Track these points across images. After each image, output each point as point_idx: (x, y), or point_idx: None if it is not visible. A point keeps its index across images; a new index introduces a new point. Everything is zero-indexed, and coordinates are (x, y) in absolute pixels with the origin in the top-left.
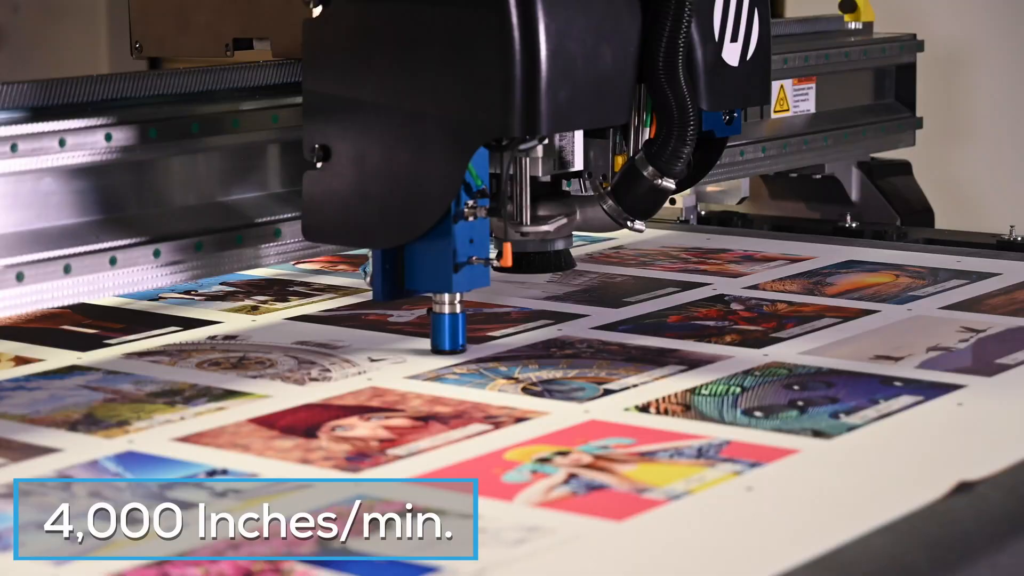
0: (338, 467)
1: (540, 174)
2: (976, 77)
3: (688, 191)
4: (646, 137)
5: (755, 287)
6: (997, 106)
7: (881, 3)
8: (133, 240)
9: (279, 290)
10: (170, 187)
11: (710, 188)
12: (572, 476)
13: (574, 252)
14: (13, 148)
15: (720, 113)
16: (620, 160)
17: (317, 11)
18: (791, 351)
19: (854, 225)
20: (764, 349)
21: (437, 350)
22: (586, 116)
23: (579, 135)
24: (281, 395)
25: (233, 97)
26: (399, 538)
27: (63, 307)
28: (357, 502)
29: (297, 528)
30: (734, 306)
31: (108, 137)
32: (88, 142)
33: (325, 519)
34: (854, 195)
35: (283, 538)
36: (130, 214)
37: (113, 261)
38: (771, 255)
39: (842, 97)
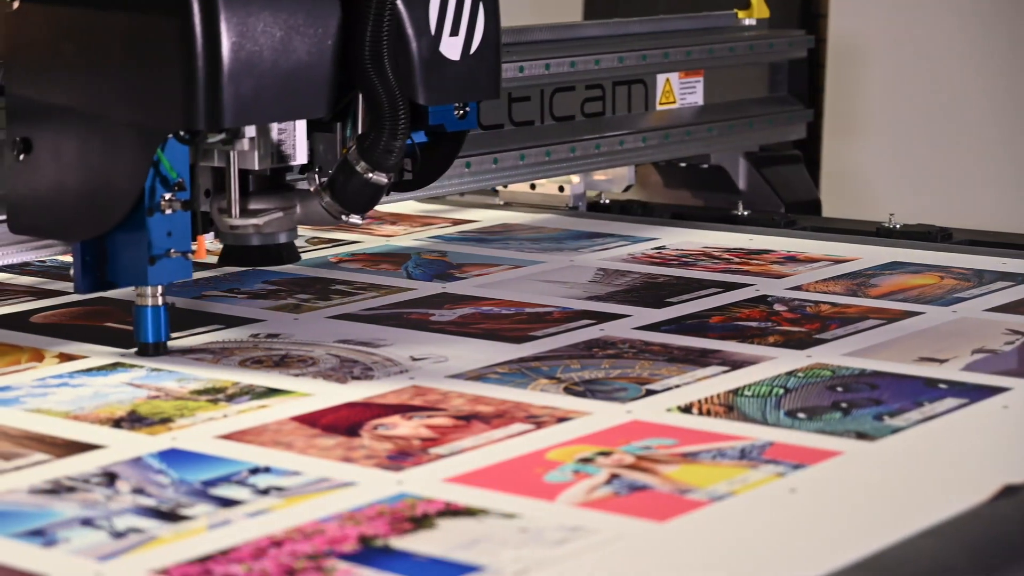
0: (380, 465)
1: (256, 167)
2: (875, 72)
3: (576, 179)
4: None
5: (798, 288)
6: (891, 100)
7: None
8: None
9: (321, 288)
10: None
11: (596, 176)
12: (614, 476)
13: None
14: None
15: (451, 107)
16: (346, 153)
17: (16, 5)
18: (835, 352)
19: (745, 213)
20: (807, 350)
21: (141, 344)
22: (275, 109)
23: (301, 128)
24: (323, 393)
25: None
26: (441, 537)
27: (108, 305)
28: (399, 500)
29: (339, 526)
30: (777, 307)
31: None
32: None
33: (367, 517)
34: (741, 184)
35: (325, 536)
36: None
37: None
38: (814, 256)
39: (733, 90)
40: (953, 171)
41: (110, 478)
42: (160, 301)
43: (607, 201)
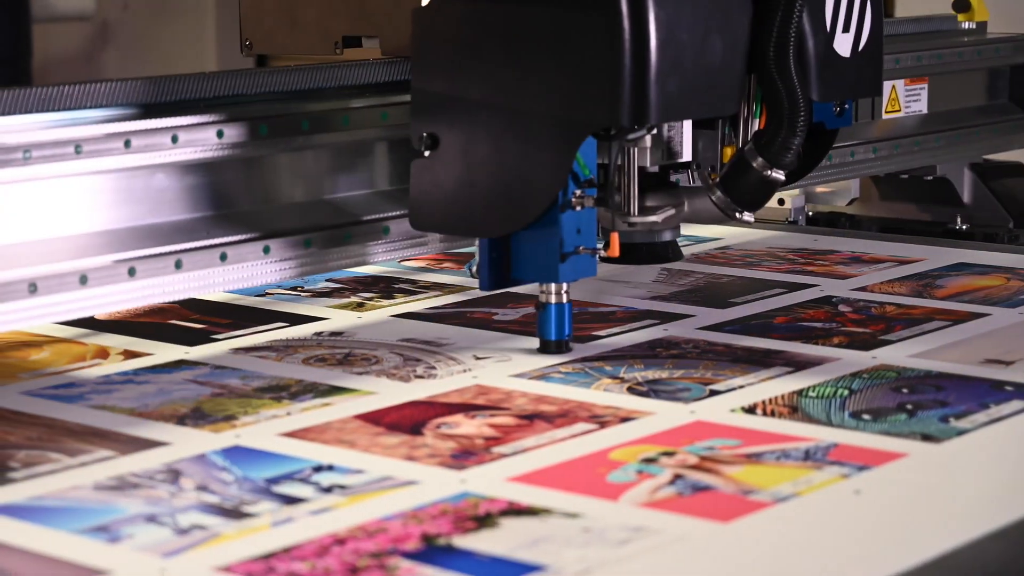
0: (443, 464)
1: (648, 165)
2: None
3: (797, 192)
4: (755, 128)
5: (863, 289)
6: None
7: (996, 3)
8: (243, 236)
9: (385, 287)
10: (279, 184)
11: (820, 189)
12: (678, 477)
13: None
14: (127, 144)
15: (830, 104)
16: (729, 151)
17: (426, 0)
18: (900, 354)
19: (964, 227)
20: (872, 351)
21: (544, 341)
22: (695, 106)
23: (687, 126)
24: (387, 392)
25: (343, 95)
26: (503, 536)
27: (172, 302)
28: (462, 499)
29: (402, 525)
30: (842, 308)
31: (220, 134)
32: (200, 138)
33: (430, 516)
34: (966, 197)
35: (388, 534)
36: (240, 210)
37: (223, 257)
38: (879, 257)
39: (954, 98)
40: None
41: (174, 475)
42: (565, 298)
43: (811, 214)
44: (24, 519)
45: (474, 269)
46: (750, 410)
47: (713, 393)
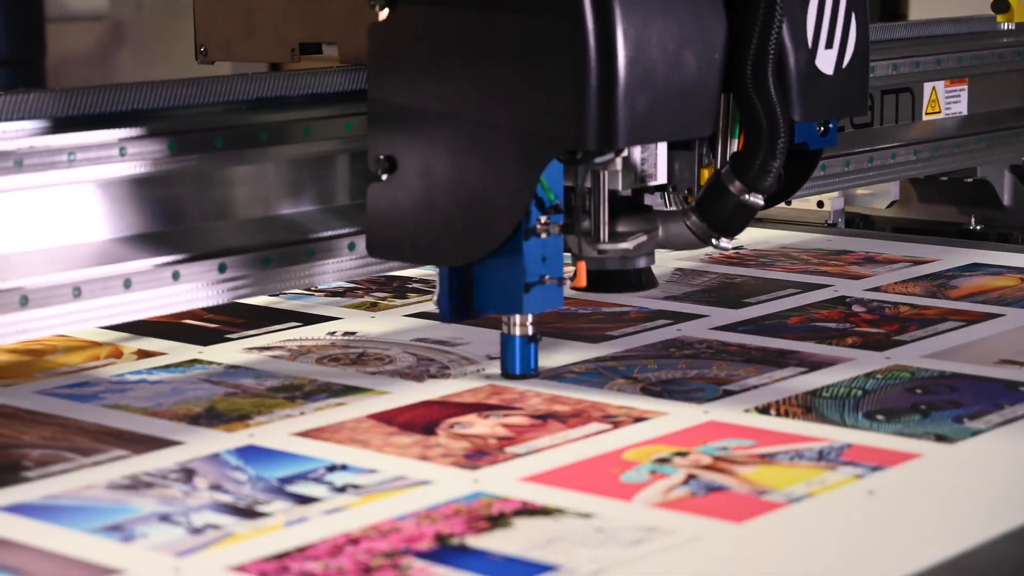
0: (456, 464)
1: (620, 188)
2: None
3: (836, 194)
4: (734, 149)
5: (877, 289)
6: None
7: None
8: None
9: (398, 287)
10: (233, 199)
11: (859, 191)
12: (691, 477)
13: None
14: (70, 157)
15: (814, 124)
16: (707, 173)
17: (383, 14)
18: (914, 354)
19: (978, 228)
20: (886, 352)
21: (507, 374)
22: (667, 127)
23: (662, 147)
24: (400, 391)
25: (303, 104)
26: (517, 536)
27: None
28: (475, 499)
29: (415, 524)
30: (856, 308)
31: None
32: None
33: (443, 516)
34: (1006, 199)
35: (401, 534)
36: (191, 227)
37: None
38: (893, 257)
39: (994, 99)
40: None
41: (188, 474)
42: (529, 331)
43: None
44: (38, 518)
45: (436, 299)
46: (764, 410)
47: (727, 393)
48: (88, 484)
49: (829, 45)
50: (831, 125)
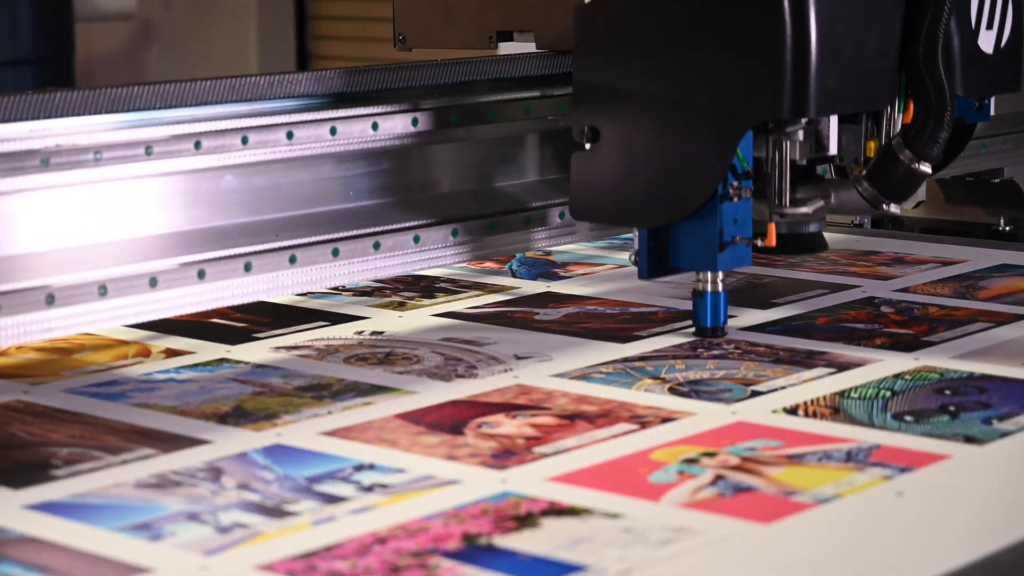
0: (484, 464)
1: (798, 158)
2: None
3: None
4: (898, 122)
5: (905, 290)
6: None
7: None
8: (313, 239)
9: (426, 286)
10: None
11: None
12: (719, 477)
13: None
14: (96, 156)
15: (971, 100)
16: (872, 145)
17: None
18: (943, 355)
19: (1007, 228)
20: (915, 353)
21: (699, 327)
22: (851, 100)
23: (834, 120)
24: (427, 391)
25: (494, 89)
26: (544, 536)
27: None
28: (503, 499)
29: (443, 524)
30: (884, 309)
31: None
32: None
33: (471, 516)
34: None
35: (429, 534)
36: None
37: (292, 260)
38: (922, 258)
39: (1021, 99)
40: None
41: (215, 473)
42: (720, 287)
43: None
44: (66, 517)
45: (633, 258)
46: (792, 411)
47: (755, 394)
48: (116, 483)
49: (990, 26)
50: (986, 101)
